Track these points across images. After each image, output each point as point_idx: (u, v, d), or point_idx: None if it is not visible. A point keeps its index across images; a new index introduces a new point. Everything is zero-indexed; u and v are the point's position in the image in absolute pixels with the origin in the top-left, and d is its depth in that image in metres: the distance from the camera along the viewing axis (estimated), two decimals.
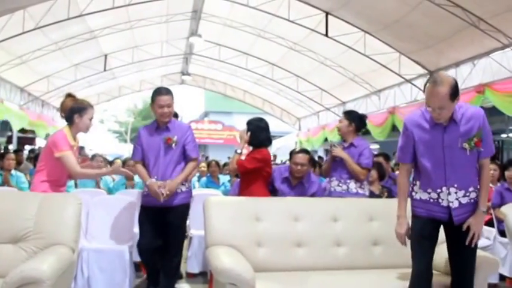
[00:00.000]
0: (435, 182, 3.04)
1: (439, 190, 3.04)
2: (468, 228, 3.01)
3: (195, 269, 5.31)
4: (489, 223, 5.78)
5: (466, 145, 2.96)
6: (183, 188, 4.21)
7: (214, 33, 13.82)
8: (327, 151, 15.21)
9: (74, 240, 3.24)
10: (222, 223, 3.62)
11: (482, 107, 8.81)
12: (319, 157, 16.59)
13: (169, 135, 4.11)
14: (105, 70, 14.46)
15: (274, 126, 21.76)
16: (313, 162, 6.88)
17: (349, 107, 15.44)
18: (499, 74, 8.67)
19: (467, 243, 3.00)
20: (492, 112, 9.57)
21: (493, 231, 5.50)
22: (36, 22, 9.60)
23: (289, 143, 20.85)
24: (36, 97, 14.71)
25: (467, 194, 3.03)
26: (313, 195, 4.51)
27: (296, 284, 3.28)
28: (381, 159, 6.48)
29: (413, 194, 3.16)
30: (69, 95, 4.02)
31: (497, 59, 8.80)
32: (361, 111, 14.28)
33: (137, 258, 5.02)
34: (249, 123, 4.40)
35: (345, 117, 4.69)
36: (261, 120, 4.45)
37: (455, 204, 3.03)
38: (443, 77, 2.92)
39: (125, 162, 6.87)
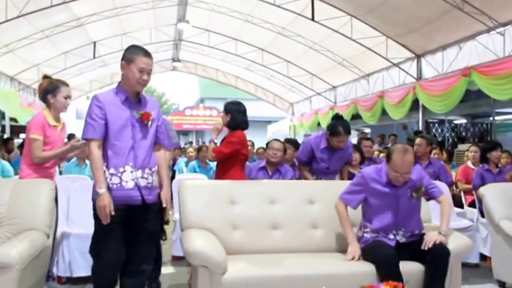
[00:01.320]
0: (386, 226, 3.47)
1: (388, 232, 3.48)
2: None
3: (180, 252, 5.33)
4: (471, 204, 5.86)
5: (414, 194, 3.47)
6: (155, 182, 3.22)
7: (202, 19, 13.76)
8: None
9: (47, 225, 3.27)
10: (197, 206, 3.64)
11: (468, 89, 8.91)
12: None
13: (146, 110, 3.15)
14: (94, 57, 14.39)
15: (268, 112, 21.88)
16: None
17: (340, 91, 15.49)
18: (484, 57, 8.70)
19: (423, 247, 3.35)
20: (479, 95, 9.64)
21: (475, 212, 5.56)
22: (19, 10, 9.51)
23: (283, 128, 20.90)
24: (27, 85, 14.66)
25: (414, 234, 3.51)
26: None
27: (269, 266, 3.31)
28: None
29: (364, 234, 3.55)
30: (45, 77, 3.96)
31: (483, 42, 8.82)
32: (351, 95, 14.55)
33: None
34: (227, 106, 4.41)
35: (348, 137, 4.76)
36: (239, 103, 4.45)
37: (403, 240, 3.49)
38: (406, 146, 3.47)
39: None
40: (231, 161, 4.26)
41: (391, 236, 3.49)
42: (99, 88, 19.59)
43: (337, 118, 4.81)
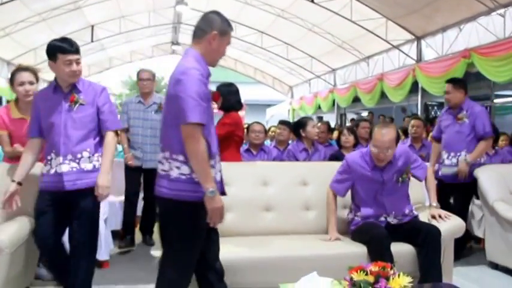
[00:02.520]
0: (376, 212, 3.47)
1: (379, 216, 3.49)
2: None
3: None
4: None
5: (400, 179, 3.48)
6: None
7: (201, 2, 13.60)
8: (320, 118, 15.23)
9: None
10: None
11: (468, 71, 8.83)
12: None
13: None
14: (92, 41, 14.28)
15: (267, 96, 21.79)
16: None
17: (339, 74, 15.41)
18: (485, 39, 8.61)
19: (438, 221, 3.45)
20: (478, 77, 9.54)
21: None
22: None
23: (282, 111, 20.85)
24: None
25: (405, 214, 3.51)
26: (273, 159, 4.99)
27: (260, 247, 3.31)
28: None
29: (355, 217, 3.56)
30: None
31: (483, 23, 8.72)
32: (350, 78, 14.45)
33: (116, 227, 5.09)
34: (219, 89, 4.39)
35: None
36: (231, 84, 4.46)
37: (395, 221, 3.49)
38: (388, 122, 3.47)
39: None
40: (225, 143, 4.24)
41: (382, 219, 3.50)
42: (97, 73, 19.50)
43: (295, 122, 5.35)
